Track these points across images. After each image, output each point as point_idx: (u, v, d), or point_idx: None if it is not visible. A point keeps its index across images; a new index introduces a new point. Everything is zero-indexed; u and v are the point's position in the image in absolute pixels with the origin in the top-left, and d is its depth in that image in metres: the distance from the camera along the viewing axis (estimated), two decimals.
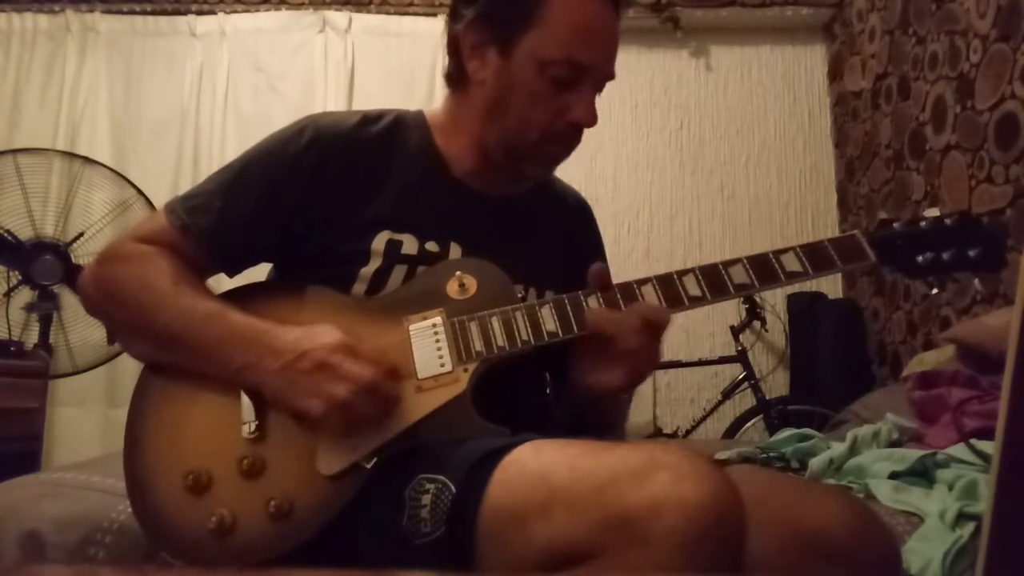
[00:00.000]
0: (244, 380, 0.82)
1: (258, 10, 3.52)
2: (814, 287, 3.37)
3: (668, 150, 3.56)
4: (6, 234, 2.43)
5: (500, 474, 0.70)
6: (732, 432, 2.95)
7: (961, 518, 1.09)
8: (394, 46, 3.46)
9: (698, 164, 3.55)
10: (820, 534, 0.73)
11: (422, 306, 0.88)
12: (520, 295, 0.94)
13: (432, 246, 0.94)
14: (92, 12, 3.44)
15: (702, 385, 3.35)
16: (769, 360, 3.38)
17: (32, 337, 2.47)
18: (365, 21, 3.49)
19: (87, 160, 2.70)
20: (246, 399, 0.82)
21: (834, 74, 3.53)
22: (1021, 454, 0.34)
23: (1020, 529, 0.34)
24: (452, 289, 0.89)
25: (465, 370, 0.84)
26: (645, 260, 3.46)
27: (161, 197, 2.34)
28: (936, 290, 0.92)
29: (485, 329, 0.86)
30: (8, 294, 2.52)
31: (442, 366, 0.84)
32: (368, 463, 0.78)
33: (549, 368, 1.09)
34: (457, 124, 1.00)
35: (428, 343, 0.86)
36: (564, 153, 0.99)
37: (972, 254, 0.88)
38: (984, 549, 0.34)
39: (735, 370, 3.10)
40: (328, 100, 3.37)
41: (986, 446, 1.29)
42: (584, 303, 0.88)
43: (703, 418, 3.09)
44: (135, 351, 0.91)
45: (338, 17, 3.47)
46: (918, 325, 2.73)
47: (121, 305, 0.89)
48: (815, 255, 0.89)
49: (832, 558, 0.72)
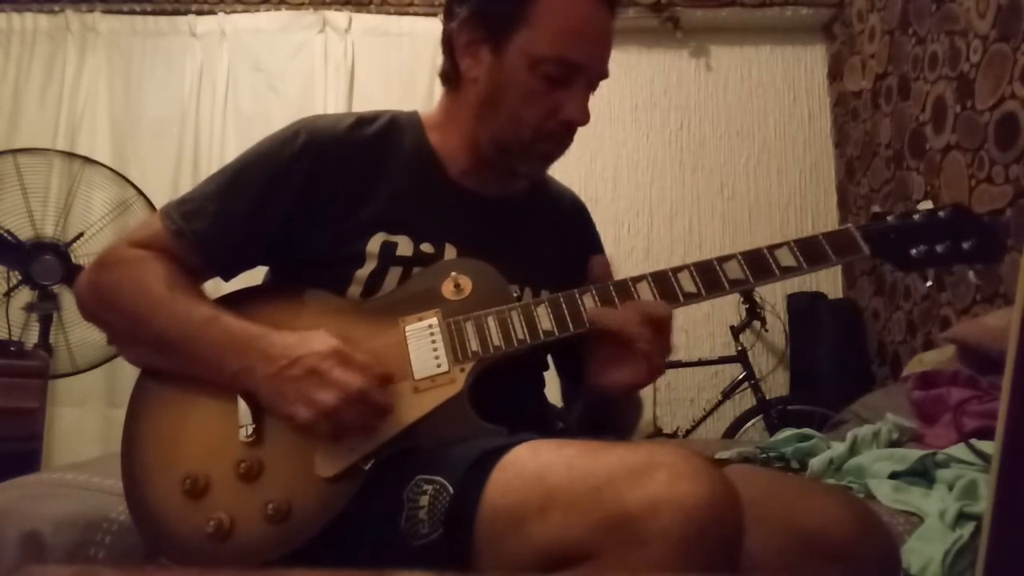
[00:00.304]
0: (240, 385, 0.82)
1: (258, 10, 3.52)
2: (814, 287, 3.37)
3: (668, 150, 3.56)
4: (6, 234, 2.43)
5: (498, 475, 0.70)
6: (732, 432, 2.95)
7: (961, 518, 1.09)
8: (394, 46, 3.46)
9: (698, 164, 3.55)
10: (820, 534, 0.73)
11: (418, 307, 0.88)
12: (515, 295, 0.94)
13: (427, 247, 0.94)
14: (92, 12, 3.44)
15: (702, 385, 3.35)
16: (769, 360, 3.38)
17: (32, 337, 2.47)
18: (365, 21, 3.49)
19: (87, 160, 2.69)
20: (243, 403, 0.82)
21: (834, 74, 3.53)
22: (1021, 454, 0.34)
23: (1020, 529, 0.34)
24: (448, 290, 0.89)
25: (462, 370, 0.84)
26: (645, 260, 3.45)
27: (161, 197, 2.33)
28: (930, 283, 0.92)
29: (481, 329, 0.86)
30: (8, 294, 2.52)
31: (438, 367, 0.84)
32: (366, 465, 0.78)
33: (563, 370, 1.10)
34: (452, 122, 1.00)
35: (424, 344, 0.85)
36: (557, 152, 0.99)
37: (966, 246, 0.88)
38: (984, 549, 0.34)
39: (735, 370, 3.09)
40: (328, 100, 3.37)
41: (986, 446, 1.29)
42: (580, 301, 0.88)
43: (703, 418, 3.08)
44: (131, 356, 0.91)
45: (338, 17, 3.47)
46: (918, 325, 2.72)
47: (117, 311, 0.89)
48: (809, 249, 0.89)
49: (832, 558, 0.72)
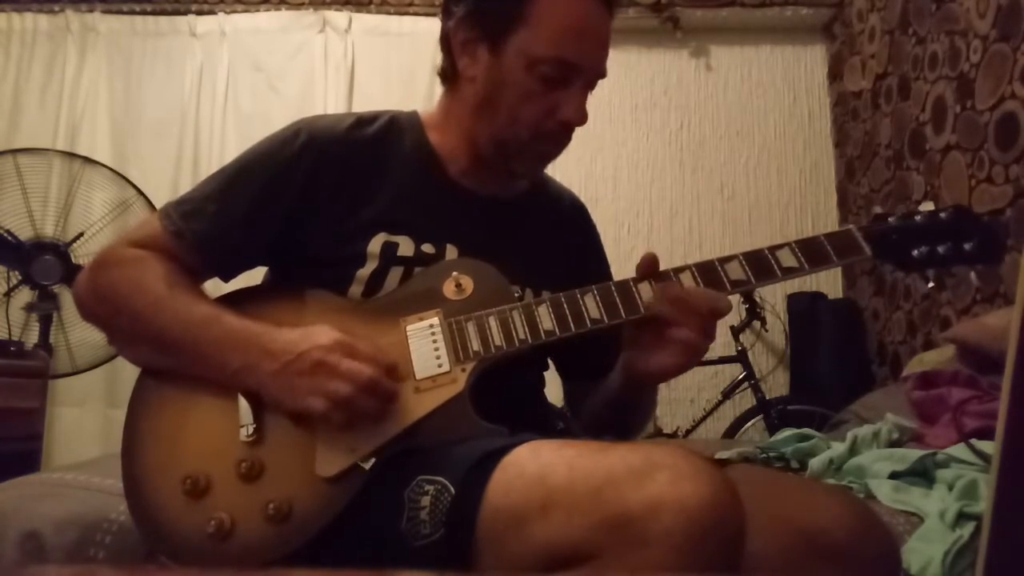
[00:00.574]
0: (241, 383, 0.82)
1: (258, 10, 3.52)
2: (814, 287, 3.37)
3: (668, 150, 3.56)
4: (6, 234, 2.43)
5: (499, 475, 0.70)
6: (732, 432, 2.95)
7: (961, 518, 1.09)
8: (394, 46, 3.45)
9: (698, 164, 3.55)
10: (820, 534, 0.73)
11: (419, 307, 0.88)
12: (516, 295, 0.94)
13: (428, 247, 0.94)
14: (92, 12, 3.44)
15: (702, 385, 3.35)
16: (769, 360, 3.38)
17: (32, 337, 2.47)
18: (365, 21, 3.49)
19: (87, 160, 2.70)
20: (244, 402, 0.82)
21: (834, 74, 3.53)
22: (1021, 454, 0.34)
23: (1020, 529, 0.34)
24: (449, 290, 0.89)
25: (463, 370, 0.84)
26: None
27: (161, 197, 2.34)
28: (931, 284, 0.92)
29: (482, 329, 0.86)
30: (8, 294, 2.52)
31: (440, 367, 0.84)
32: (367, 464, 0.78)
33: (564, 371, 1.10)
34: (450, 121, 1.00)
35: (425, 344, 0.85)
36: (554, 152, 0.99)
37: (968, 247, 0.88)
38: (984, 549, 0.34)
39: (735, 370, 3.09)
40: (328, 100, 3.37)
41: (986, 446, 1.29)
42: (580, 302, 0.88)
43: (703, 418, 3.08)
44: (131, 356, 0.91)
45: (338, 17, 3.47)
46: (918, 325, 2.72)
47: (116, 311, 0.89)
48: (811, 250, 0.89)
49: (832, 558, 0.72)
